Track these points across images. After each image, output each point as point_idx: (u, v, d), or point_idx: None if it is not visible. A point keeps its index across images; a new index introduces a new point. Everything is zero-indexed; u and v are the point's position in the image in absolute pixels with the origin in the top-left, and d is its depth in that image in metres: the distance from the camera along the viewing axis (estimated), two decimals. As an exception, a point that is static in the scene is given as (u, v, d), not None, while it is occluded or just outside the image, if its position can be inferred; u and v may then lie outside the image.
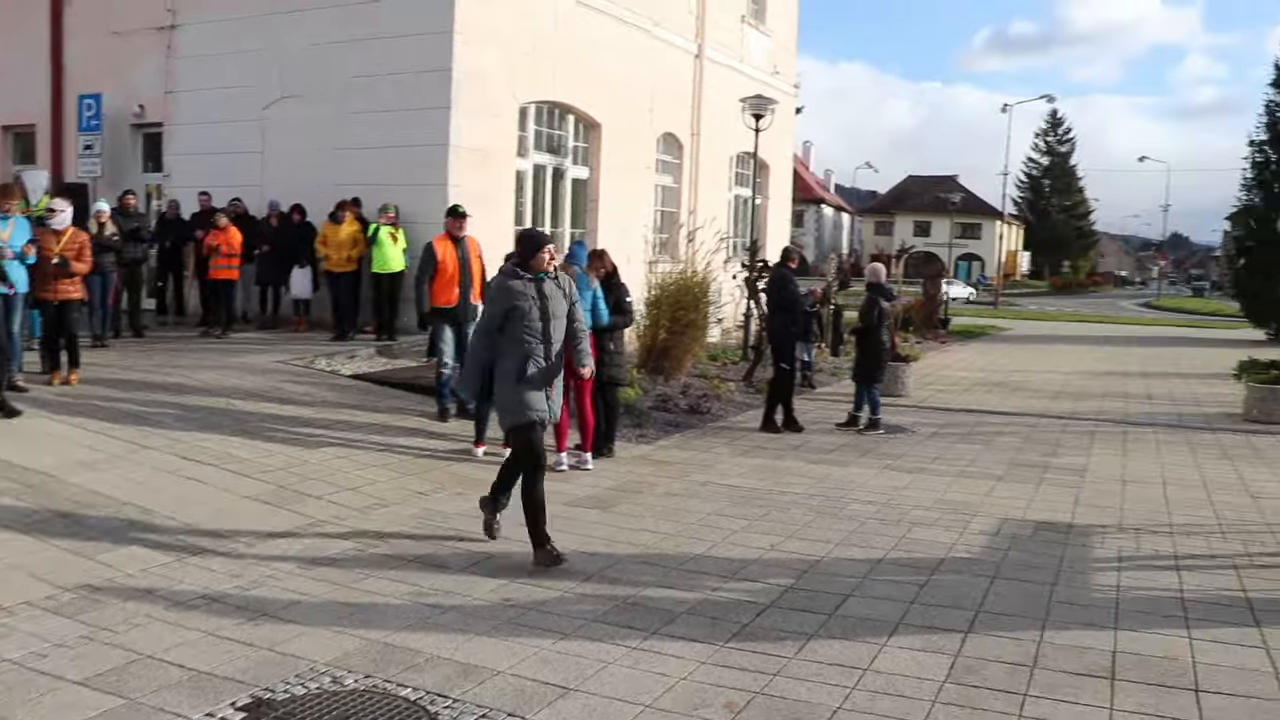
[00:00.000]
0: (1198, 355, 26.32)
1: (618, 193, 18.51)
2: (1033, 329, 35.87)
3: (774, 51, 25.01)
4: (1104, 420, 13.83)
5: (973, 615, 5.88)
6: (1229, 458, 11.34)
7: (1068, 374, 20.18)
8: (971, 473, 9.86)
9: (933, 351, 23.53)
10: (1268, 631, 5.82)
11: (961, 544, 7.35)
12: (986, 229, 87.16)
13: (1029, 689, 4.89)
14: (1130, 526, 8.08)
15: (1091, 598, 6.30)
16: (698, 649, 5.22)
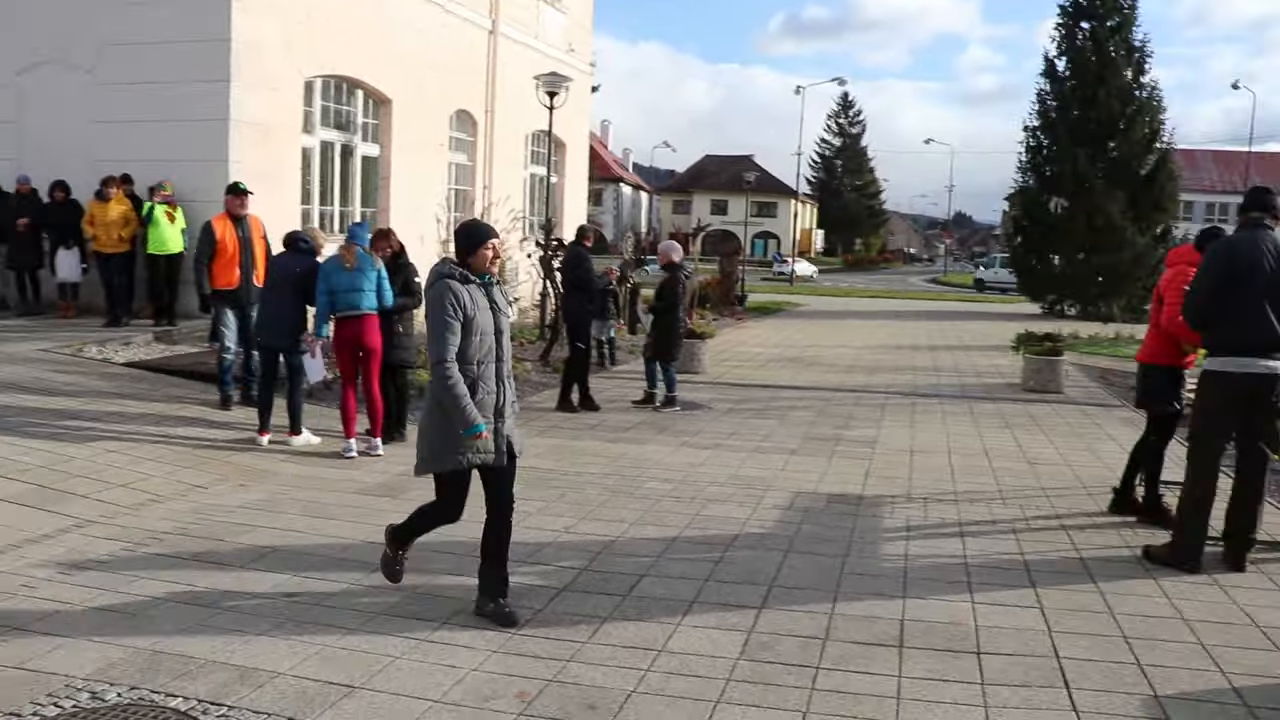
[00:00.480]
0: (980, 329, 27.61)
1: (410, 171, 18.06)
2: (827, 305, 36.94)
3: (570, 29, 24.87)
4: (894, 393, 14.28)
5: (766, 590, 5.91)
6: (1009, 426, 11.85)
7: (860, 348, 20.81)
8: (766, 448, 10.00)
9: (730, 328, 23.91)
10: (1042, 592, 6.07)
11: (755, 519, 7.41)
12: (782, 207, 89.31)
13: (821, 661, 4.93)
14: (918, 496, 8.32)
15: (881, 568, 6.43)
16: (490, 638, 5.06)
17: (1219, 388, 6.58)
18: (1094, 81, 33.38)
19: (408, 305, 9.47)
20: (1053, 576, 6.38)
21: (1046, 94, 34.84)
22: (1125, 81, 33.73)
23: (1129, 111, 33.45)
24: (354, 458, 8.76)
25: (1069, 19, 34.53)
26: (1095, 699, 4.66)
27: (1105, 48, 33.69)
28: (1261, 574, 6.63)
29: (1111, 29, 33.93)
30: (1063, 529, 7.52)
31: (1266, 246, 6.46)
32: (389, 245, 9.48)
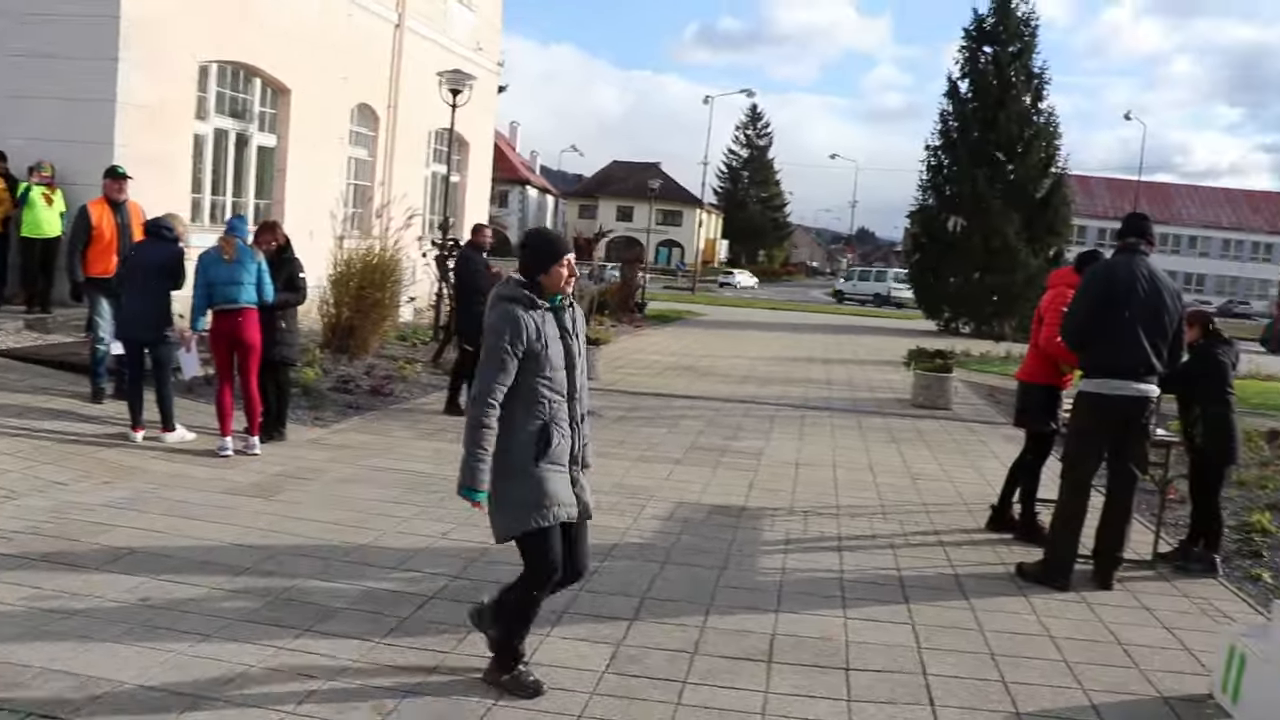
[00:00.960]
0: (876, 343, 27.97)
1: (307, 164, 17.65)
2: (727, 315, 37.12)
3: (479, 28, 24.63)
4: (784, 405, 14.35)
5: (639, 602, 5.84)
6: (895, 441, 11.97)
7: (755, 359, 20.91)
8: (651, 456, 9.94)
9: (627, 335, 23.87)
10: (915, 608, 6.10)
11: (635, 529, 7.34)
12: (687, 216, 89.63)
13: (689, 676, 4.88)
14: (800, 509, 8.33)
15: (757, 581, 6.40)
16: (351, 647, 4.91)
17: (1093, 408, 6.70)
18: (994, 105, 34.12)
19: (291, 301, 9.22)
20: (926, 593, 6.41)
21: (949, 114, 35.52)
22: (1024, 106, 34.53)
23: (1027, 135, 34.23)
24: (229, 456, 8.49)
25: (973, 43, 35.23)
26: (959, 717, 4.68)
27: (1006, 72, 34.45)
28: (1128, 592, 6.76)
29: (1013, 54, 34.69)
30: (940, 545, 7.58)
31: (1141, 271, 6.60)
32: (274, 239, 9.22)
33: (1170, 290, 6.67)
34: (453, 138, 18.60)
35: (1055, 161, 35.01)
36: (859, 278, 63.06)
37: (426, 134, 22.67)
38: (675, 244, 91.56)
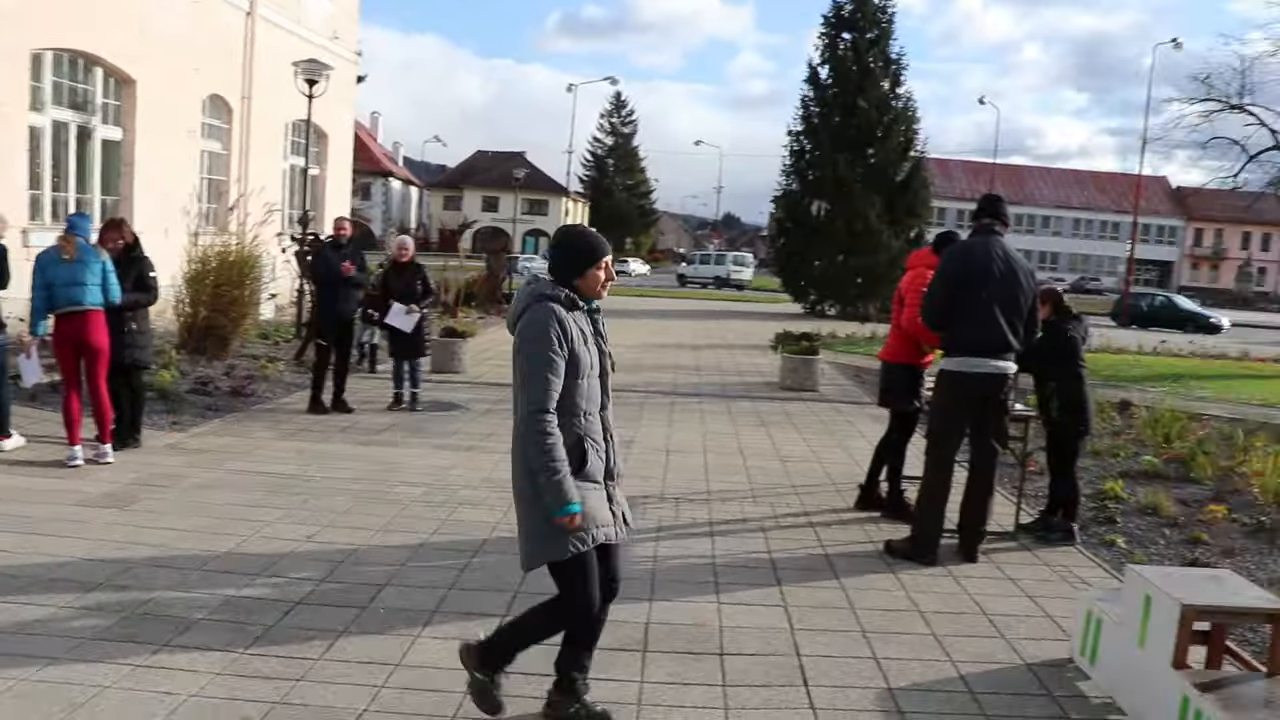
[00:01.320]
0: (744, 328, 28.25)
1: (156, 158, 17.01)
2: (595, 303, 37.01)
3: (335, 16, 24.10)
4: (654, 392, 14.37)
5: (512, 597, 5.76)
6: (764, 425, 12.09)
7: (623, 347, 20.88)
8: (523, 449, 9.84)
9: (496, 326, 23.64)
10: (787, 590, 6.15)
11: (506, 523, 7.21)
12: (553, 205, 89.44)
13: (564, 670, 4.81)
14: (671, 496, 8.34)
15: (629, 570, 6.31)
16: (214, 659, 4.72)
17: (953, 386, 6.84)
18: (854, 90, 34.77)
19: (141, 302, 8.86)
20: (798, 574, 6.48)
21: (810, 100, 36.10)
22: (883, 92, 35.27)
23: (886, 120, 34.98)
24: (79, 466, 8.12)
25: (832, 30, 35.85)
26: (832, 695, 4.72)
27: (865, 58, 35.14)
28: (992, 563, 6.93)
29: (871, 41, 35.41)
30: (811, 526, 7.67)
31: (997, 252, 6.75)
32: (120, 236, 8.83)
33: (1024, 269, 6.85)
34: (310, 129, 18.17)
35: (914, 145, 35.88)
36: (699, 262, 65.63)
37: (284, 126, 22.10)
38: (543, 233, 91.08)
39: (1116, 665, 4.91)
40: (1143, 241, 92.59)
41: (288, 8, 21.44)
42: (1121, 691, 4.84)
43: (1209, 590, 4.73)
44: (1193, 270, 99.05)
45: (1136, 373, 21.26)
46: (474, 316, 23.66)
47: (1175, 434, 12.02)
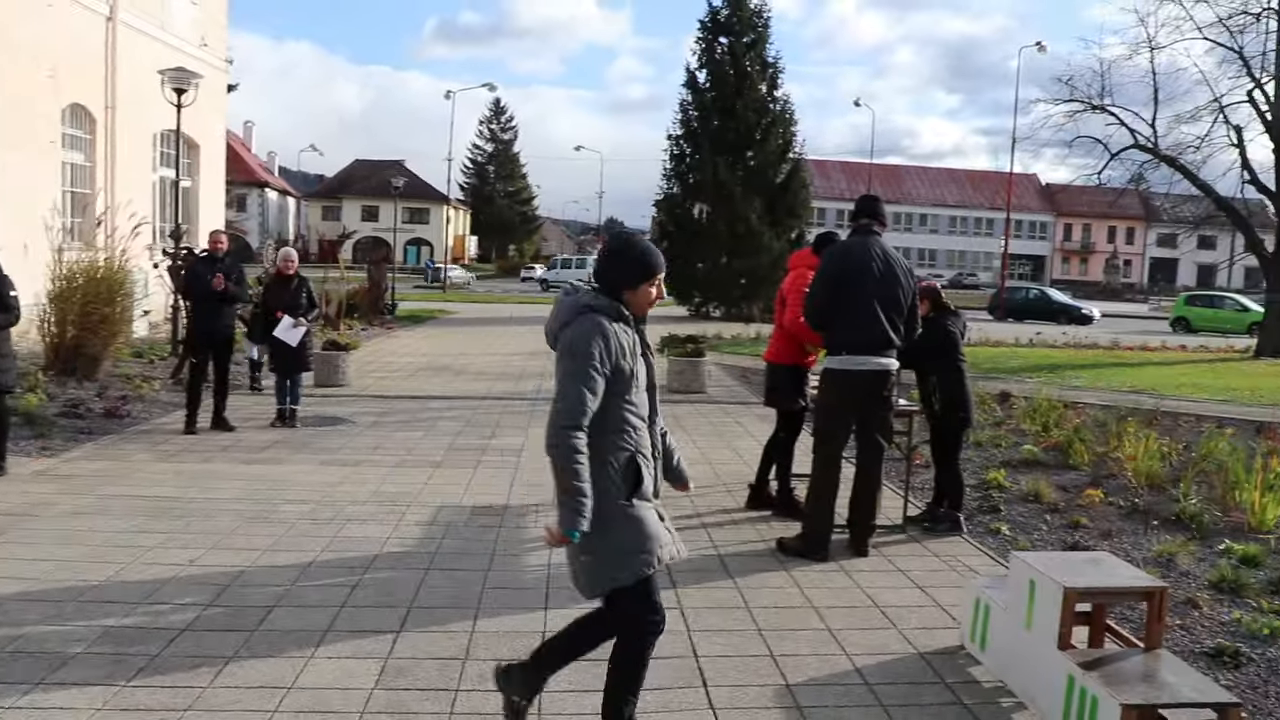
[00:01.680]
0: (628, 331, 28.20)
1: (13, 170, 16.27)
2: (480, 312, 36.81)
3: (202, 22, 23.50)
4: (542, 399, 14.28)
5: (405, 612, 5.66)
6: (652, 427, 12.08)
7: (510, 354, 20.80)
8: (410, 461, 9.70)
9: (379, 338, 23.34)
10: (682, 591, 6.18)
11: (396, 537, 7.13)
12: (434, 213, 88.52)
13: (460, 684, 4.75)
14: (563, 502, 8.27)
15: (524, 580, 6.32)
16: (93, 695, 4.52)
17: (838, 384, 6.92)
18: (732, 94, 35.10)
19: (2, 323, 8.49)
20: (692, 575, 6.48)
21: (689, 104, 36.33)
22: (761, 95, 35.66)
23: (764, 123, 35.40)
24: (-58, 496, 7.76)
25: (709, 34, 36.14)
26: (731, 694, 4.73)
27: (742, 62, 35.50)
28: (883, 556, 7.04)
29: (747, 45, 35.79)
30: (703, 527, 7.69)
31: (876, 251, 6.86)
32: (-22, 255, 8.47)
33: (903, 267, 6.96)
34: (180, 140, 17.66)
35: (793, 147, 36.36)
36: (561, 265, 67.30)
37: (152, 136, 21.45)
38: (424, 242, 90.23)
39: (1005, 649, 5.02)
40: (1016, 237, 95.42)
41: (151, 13, 20.83)
42: (1011, 674, 4.95)
43: (1088, 572, 4.86)
44: (1064, 264, 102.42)
45: (1014, 364, 21.87)
46: (357, 329, 23.29)
47: (1053, 423, 12.38)
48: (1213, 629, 5.92)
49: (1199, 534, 7.89)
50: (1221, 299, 44.78)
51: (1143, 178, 31.25)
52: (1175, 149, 29.11)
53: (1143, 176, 31.17)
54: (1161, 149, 29.17)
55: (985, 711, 4.69)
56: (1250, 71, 27.97)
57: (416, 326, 27.71)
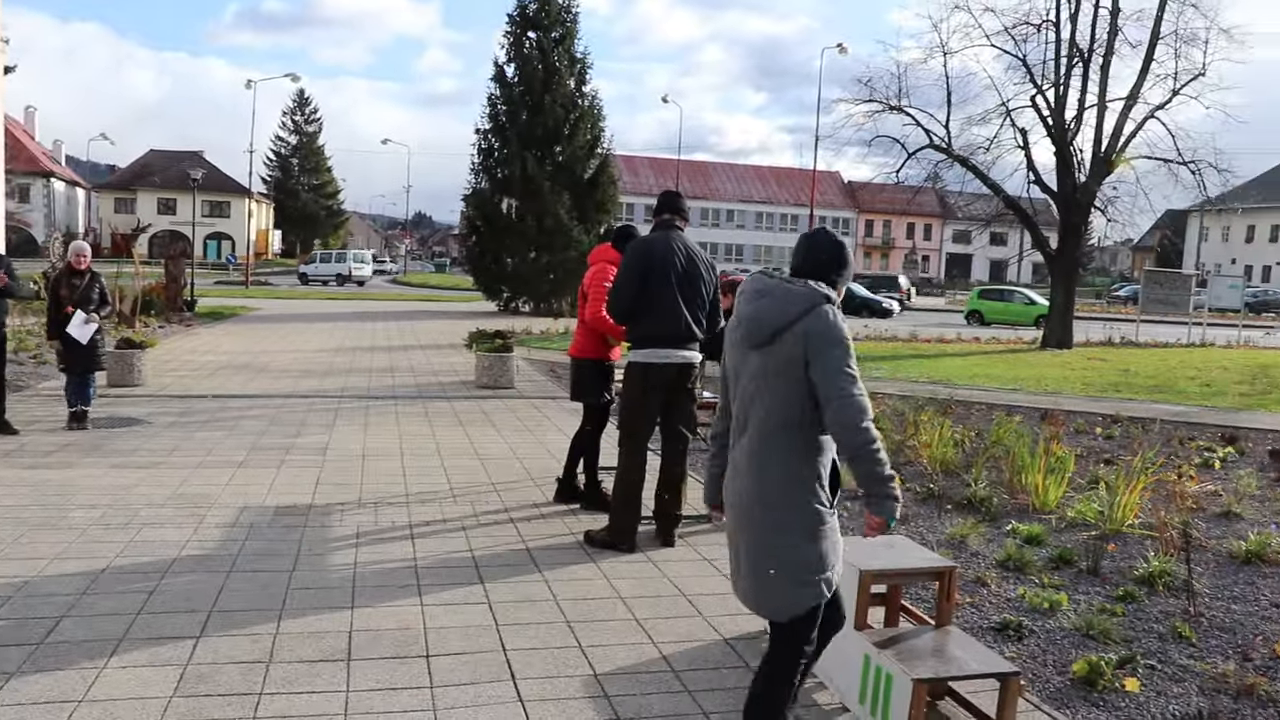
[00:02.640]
0: (438, 327, 28.01)
1: None
2: (285, 308, 35.82)
3: (-26, 4, 22.14)
4: (348, 396, 14.05)
5: (205, 617, 5.50)
6: (462, 423, 12.05)
7: (317, 351, 20.33)
8: (211, 462, 9.40)
9: (178, 336, 22.47)
10: (490, 587, 6.18)
11: (195, 540, 6.91)
12: (236, 207, 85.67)
13: (264, 687, 4.65)
14: (369, 501, 8.18)
15: (329, 579, 6.22)
16: None
17: (642, 378, 7.04)
18: (541, 89, 35.06)
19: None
20: (501, 570, 6.51)
21: (497, 99, 36.12)
22: (569, 90, 35.73)
23: (573, 118, 35.49)
24: None
25: (517, 28, 35.99)
26: (540, 686, 4.78)
27: (550, 57, 35.49)
28: (689, 546, 7.21)
29: (556, 40, 35.79)
30: (511, 522, 7.71)
31: (678, 245, 7.00)
32: None
33: (705, 261, 7.13)
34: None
35: (601, 143, 36.55)
36: (320, 260, 67.37)
37: (-79, 124, 20.11)
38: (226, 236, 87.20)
39: (803, 632, 5.21)
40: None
41: (-80, -6, 19.54)
42: (809, 657, 5.13)
43: (883, 555, 5.09)
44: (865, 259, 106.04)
45: (815, 357, 22.50)
46: (154, 326, 22.38)
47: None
48: (999, 605, 6.28)
49: (989, 516, 8.33)
50: (1011, 293, 47.01)
51: (938, 176, 32.65)
52: (967, 149, 30.58)
53: (938, 175, 32.57)
54: (955, 149, 30.56)
55: (784, 691, 4.87)
56: (1033, 78, 29.62)
57: (218, 323, 26.77)
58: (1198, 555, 7.38)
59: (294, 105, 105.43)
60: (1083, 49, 29.39)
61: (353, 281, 63.93)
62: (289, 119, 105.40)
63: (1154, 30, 28.83)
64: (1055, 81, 29.47)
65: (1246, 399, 17.56)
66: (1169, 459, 11.07)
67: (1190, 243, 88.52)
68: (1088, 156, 29.34)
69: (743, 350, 3.76)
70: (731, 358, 3.86)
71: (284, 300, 41.49)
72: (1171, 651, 5.62)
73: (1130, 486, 8.34)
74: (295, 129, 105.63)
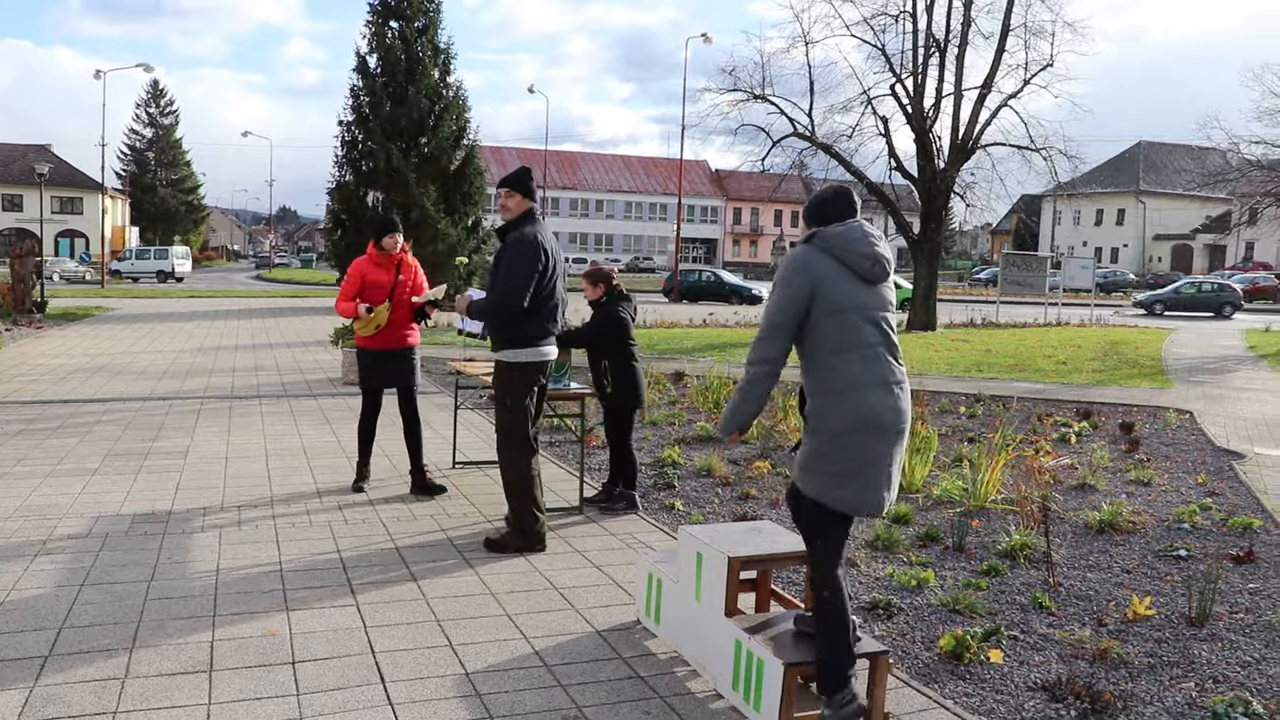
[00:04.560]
0: (304, 324, 27.43)
1: None
2: (144, 307, 34.68)
3: None
4: (210, 397, 13.64)
5: (55, 635, 5.23)
6: (328, 421, 11.79)
7: (177, 352, 19.70)
8: (62, 470, 9.00)
9: (27, 338, 21.56)
10: (358, 588, 6.05)
11: (45, 554, 6.58)
12: (89, 203, 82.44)
13: (120, 705, 4.45)
14: (232, 505, 7.93)
15: (190, 588, 6.00)
16: None
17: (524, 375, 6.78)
18: (404, 80, 34.52)
19: None
20: (370, 570, 6.37)
21: (360, 90, 35.43)
22: (433, 81, 35.25)
23: (438, 109, 35.02)
24: None
25: (379, 18, 35.35)
26: (410, 688, 4.68)
27: (414, 48, 34.96)
28: (560, 538, 7.17)
29: (419, 30, 35.29)
30: (380, 520, 7.56)
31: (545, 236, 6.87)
32: None
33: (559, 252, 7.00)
34: None
35: (466, 134, 36.14)
36: (137, 257, 66.79)
37: None
38: (79, 234, 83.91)
39: (678, 621, 5.21)
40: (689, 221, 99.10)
41: None
42: (685, 644, 5.14)
43: (751, 541, 5.11)
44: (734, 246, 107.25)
45: (689, 345, 22.72)
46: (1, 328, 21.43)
47: (724, 399, 12.94)
48: (869, 584, 6.38)
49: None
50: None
51: (803, 164, 33.09)
52: (830, 137, 31.06)
53: (803, 163, 33.00)
54: (818, 137, 31.01)
55: (661, 682, 4.86)
56: (893, 68, 30.25)
57: (71, 324, 25.75)
58: (1056, 527, 7.62)
59: (148, 97, 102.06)
60: (939, 39, 30.18)
61: (174, 278, 63.29)
62: (143, 111, 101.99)
63: (1004, 22, 29.78)
64: (913, 71, 30.17)
65: (1099, 375, 18.24)
66: (1028, 435, 11.42)
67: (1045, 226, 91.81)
68: (946, 143, 30.12)
69: (863, 284, 4.28)
70: (839, 291, 4.23)
71: (144, 300, 40.16)
72: (1033, 621, 5.79)
73: (992, 463, 8.57)
74: (150, 121, 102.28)
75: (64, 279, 57.55)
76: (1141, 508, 8.42)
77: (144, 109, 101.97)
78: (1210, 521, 8.05)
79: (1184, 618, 5.87)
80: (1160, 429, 12.57)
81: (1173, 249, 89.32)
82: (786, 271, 4.27)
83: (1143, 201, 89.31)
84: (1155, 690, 4.92)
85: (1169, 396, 15.62)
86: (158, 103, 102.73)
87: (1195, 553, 7.20)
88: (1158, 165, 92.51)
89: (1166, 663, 5.25)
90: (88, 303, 34.07)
